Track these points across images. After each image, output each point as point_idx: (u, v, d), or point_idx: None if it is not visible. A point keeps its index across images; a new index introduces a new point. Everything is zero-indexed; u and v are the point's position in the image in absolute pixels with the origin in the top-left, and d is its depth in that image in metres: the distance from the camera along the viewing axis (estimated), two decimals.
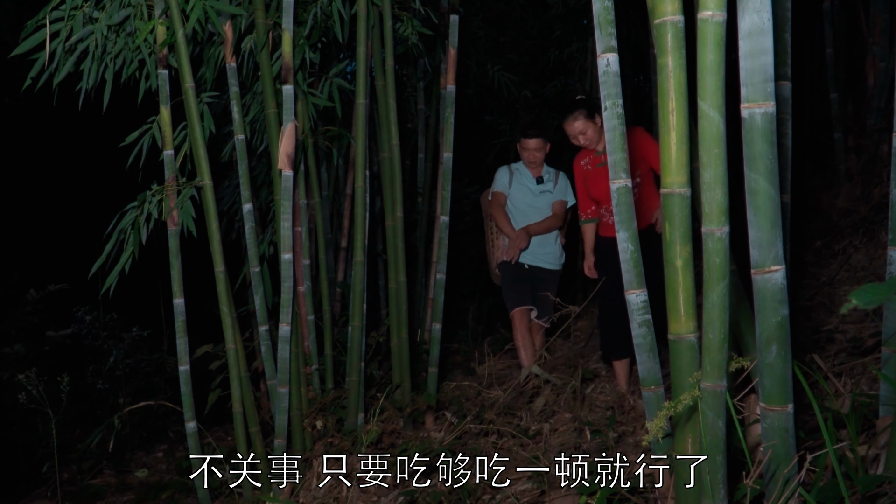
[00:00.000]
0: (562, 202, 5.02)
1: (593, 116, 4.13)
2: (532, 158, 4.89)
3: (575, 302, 5.35)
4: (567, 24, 7.50)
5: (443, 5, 4.55)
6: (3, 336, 6.52)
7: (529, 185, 4.98)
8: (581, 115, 4.13)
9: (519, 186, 5.00)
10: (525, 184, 4.99)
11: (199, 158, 3.74)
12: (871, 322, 3.72)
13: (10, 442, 6.21)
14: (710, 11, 1.75)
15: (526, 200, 5.00)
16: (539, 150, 4.87)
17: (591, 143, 4.19)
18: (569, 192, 5.00)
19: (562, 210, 5.01)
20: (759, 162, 1.78)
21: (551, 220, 4.98)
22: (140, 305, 6.60)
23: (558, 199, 5.00)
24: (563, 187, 5.03)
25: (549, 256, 5.05)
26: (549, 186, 5.01)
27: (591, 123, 4.13)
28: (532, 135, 4.85)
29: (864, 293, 1.21)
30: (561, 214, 5.00)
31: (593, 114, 4.13)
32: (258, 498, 3.89)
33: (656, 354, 2.48)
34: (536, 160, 4.90)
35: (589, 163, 4.32)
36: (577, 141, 4.21)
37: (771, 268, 1.83)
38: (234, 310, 3.91)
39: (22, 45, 3.50)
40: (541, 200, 5.00)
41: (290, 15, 3.68)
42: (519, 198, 5.01)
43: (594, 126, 4.14)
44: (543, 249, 5.04)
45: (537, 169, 4.97)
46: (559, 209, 5.00)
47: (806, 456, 1.94)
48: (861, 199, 5.60)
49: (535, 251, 5.01)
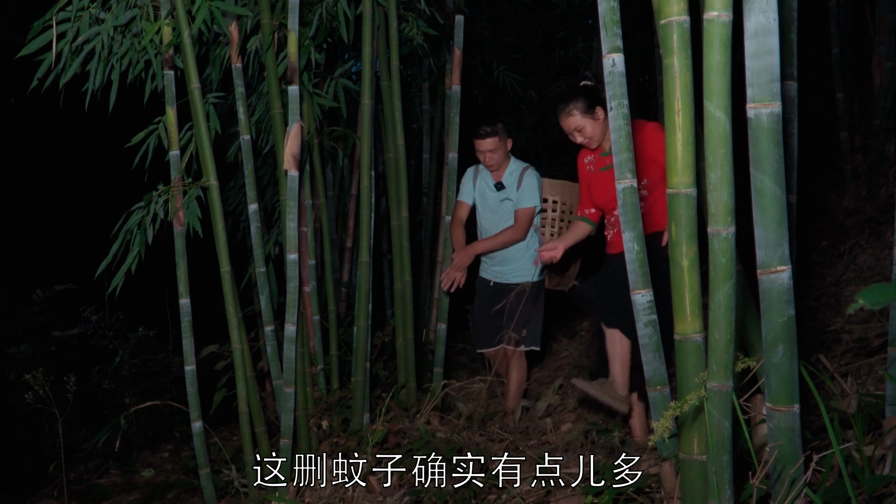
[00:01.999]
0: (524, 210, 4.20)
1: (593, 110, 3.48)
2: (489, 161, 4.20)
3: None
4: (572, 24, 7.49)
5: (448, 6, 4.55)
6: (9, 336, 6.54)
7: (490, 192, 4.32)
8: (576, 108, 3.46)
9: (482, 192, 4.37)
10: (486, 190, 4.35)
11: (205, 159, 3.75)
12: (877, 322, 3.71)
13: (16, 441, 6.23)
14: (715, 12, 1.75)
15: (488, 208, 4.36)
16: (495, 150, 4.15)
17: (592, 142, 3.56)
18: (533, 196, 4.20)
19: (524, 219, 4.21)
20: (765, 162, 1.78)
21: (508, 233, 4.21)
22: (146, 305, 6.61)
23: (519, 206, 4.21)
24: (526, 191, 4.20)
25: (518, 270, 4.31)
26: (511, 192, 4.26)
27: (588, 119, 3.47)
28: (483, 135, 4.14)
29: (871, 293, 1.20)
30: (523, 225, 4.21)
31: (593, 106, 3.48)
32: (264, 497, 3.90)
33: (662, 355, 2.48)
34: (493, 162, 4.20)
35: (593, 162, 3.73)
36: (574, 139, 3.58)
37: (777, 268, 1.82)
38: (240, 310, 3.92)
39: (28, 46, 3.52)
40: (502, 209, 4.29)
41: (296, 15, 3.69)
42: (482, 205, 4.38)
43: (593, 121, 3.49)
44: (508, 264, 4.34)
45: (497, 172, 4.28)
46: (520, 219, 4.21)
47: (812, 456, 1.94)
48: (867, 198, 5.59)
49: (496, 267, 4.38)
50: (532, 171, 4.23)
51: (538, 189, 4.21)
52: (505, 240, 4.21)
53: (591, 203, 3.79)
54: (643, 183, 3.40)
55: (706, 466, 1.97)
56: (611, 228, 3.68)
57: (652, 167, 3.44)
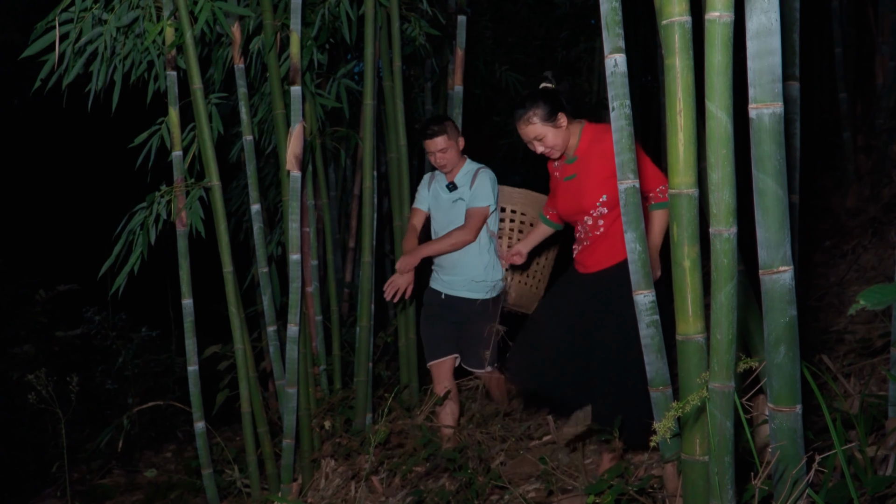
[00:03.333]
0: (475, 210, 3.80)
1: (554, 117, 3.15)
2: (440, 162, 3.84)
3: None
4: (575, 24, 7.49)
5: (450, 6, 4.55)
6: (12, 336, 6.56)
7: (442, 193, 3.94)
8: (536, 116, 3.14)
9: (435, 195, 4.00)
10: (439, 191, 3.97)
11: (208, 159, 3.75)
12: (880, 322, 3.70)
13: (19, 442, 6.25)
14: (717, 12, 1.75)
15: (441, 210, 3.97)
16: (445, 149, 3.80)
17: (554, 151, 3.23)
18: (486, 195, 3.81)
19: (475, 219, 3.79)
20: (767, 162, 1.77)
21: (457, 234, 3.78)
22: (149, 306, 6.63)
23: (471, 205, 3.82)
24: (478, 189, 3.82)
25: (469, 283, 3.86)
26: (464, 192, 3.87)
27: (550, 127, 3.15)
28: (431, 133, 3.79)
29: (873, 294, 1.20)
30: (474, 225, 3.78)
31: (555, 113, 3.15)
32: (266, 497, 3.91)
33: (664, 355, 2.48)
34: (446, 162, 3.83)
35: (558, 168, 3.39)
36: (534, 148, 3.24)
37: (779, 268, 1.82)
38: (243, 310, 3.92)
39: (32, 47, 3.52)
40: (454, 211, 3.89)
41: (299, 16, 3.69)
42: (435, 208, 4.00)
43: (555, 129, 3.16)
44: (459, 273, 3.88)
45: (451, 173, 3.91)
46: (471, 218, 3.79)
47: (815, 457, 1.94)
48: (870, 198, 5.58)
49: (447, 276, 3.94)
50: (487, 171, 3.89)
51: (492, 189, 3.84)
52: (454, 241, 3.78)
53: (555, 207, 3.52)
54: (601, 200, 3.14)
55: (708, 467, 1.97)
56: (577, 244, 3.34)
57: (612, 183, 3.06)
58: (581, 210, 3.20)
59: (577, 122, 3.25)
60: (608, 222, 3.16)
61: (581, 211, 3.20)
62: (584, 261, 3.25)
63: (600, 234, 3.17)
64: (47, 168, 10.58)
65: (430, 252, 3.81)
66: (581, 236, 3.27)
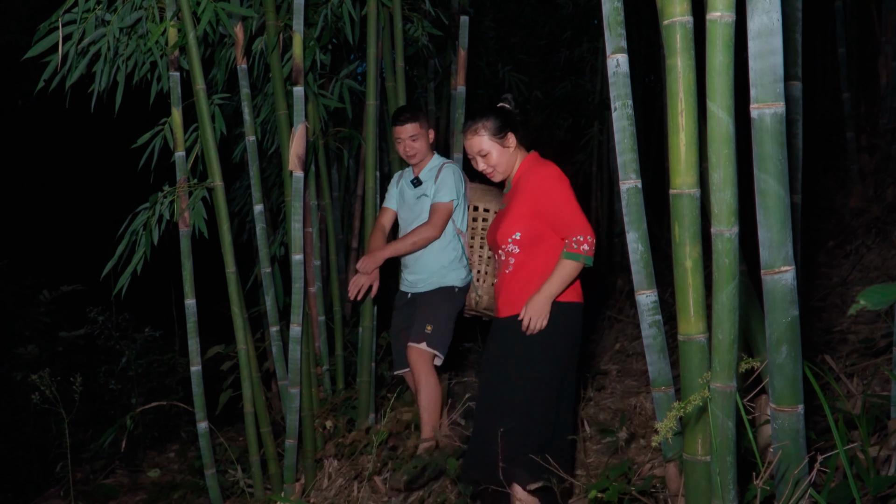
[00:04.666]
0: (439, 205, 3.61)
1: (503, 134, 2.94)
2: (408, 151, 3.66)
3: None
4: (577, 24, 7.50)
5: (453, 6, 4.56)
6: (16, 336, 6.57)
7: (408, 189, 3.78)
8: (485, 128, 2.93)
9: (402, 191, 3.84)
10: (405, 187, 3.81)
11: (211, 160, 3.76)
12: (883, 323, 3.70)
13: (23, 442, 6.26)
14: (718, 12, 1.75)
15: (406, 207, 3.81)
16: (415, 137, 3.64)
17: (495, 173, 3.01)
18: (450, 189, 3.61)
19: (439, 215, 3.60)
20: (768, 162, 1.77)
21: (420, 230, 3.59)
22: (152, 306, 6.65)
23: (435, 200, 3.64)
24: (442, 184, 3.63)
25: (431, 281, 3.69)
26: (428, 188, 3.70)
27: (496, 143, 2.94)
28: (403, 119, 3.63)
29: (873, 294, 1.20)
30: (437, 221, 3.59)
31: (504, 131, 2.94)
32: (269, 497, 3.91)
33: (667, 355, 2.48)
34: (414, 152, 3.66)
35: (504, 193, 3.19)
36: (476, 164, 3.02)
37: (781, 268, 1.82)
38: (246, 310, 3.92)
39: (35, 48, 3.53)
40: (418, 207, 3.73)
41: (301, 17, 3.70)
42: (401, 205, 3.84)
43: (501, 148, 2.95)
44: (423, 272, 3.70)
45: (417, 166, 3.74)
46: (435, 213, 3.60)
47: (817, 457, 1.94)
48: (874, 198, 5.57)
49: (411, 276, 3.78)
50: (452, 165, 3.71)
51: (455, 183, 3.63)
52: (416, 239, 3.59)
53: None
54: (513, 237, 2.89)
55: (710, 467, 1.97)
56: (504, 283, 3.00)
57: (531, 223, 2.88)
58: (494, 241, 3.00)
59: (523, 152, 3.04)
60: (518, 262, 2.91)
61: (494, 243, 3.00)
62: (496, 298, 3.04)
63: (509, 273, 2.93)
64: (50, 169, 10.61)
65: (393, 252, 3.62)
66: (497, 272, 3.06)
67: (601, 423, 3.74)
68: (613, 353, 5.14)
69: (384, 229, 3.83)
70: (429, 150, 3.73)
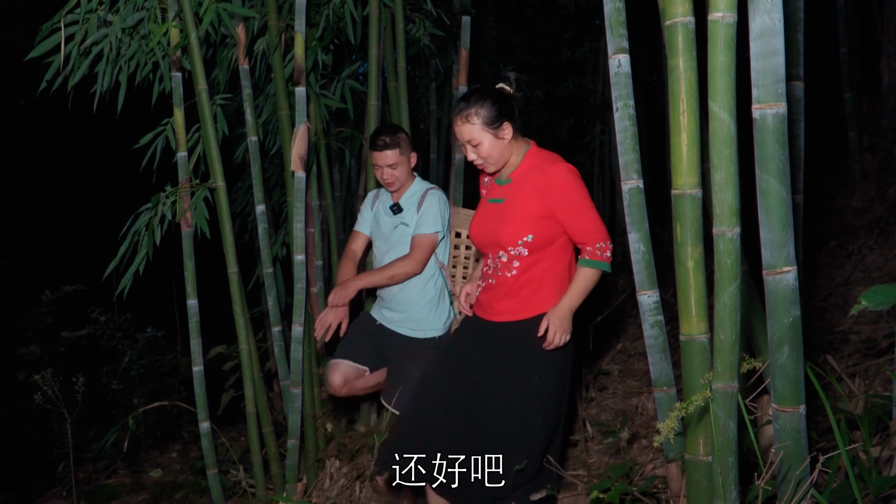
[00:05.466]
0: (422, 237, 3.34)
1: (498, 123, 2.64)
2: (388, 178, 3.38)
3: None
4: (579, 24, 7.50)
5: (455, 6, 4.56)
6: (18, 337, 6.58)
7: (385, 215, 3.49)
8: (478, 116, 2.63)
9: (377, 216, 3.55)
10: (381, 213, 3.52)
11: (213, 160, 3.76)
12: (885, 323, 3.70)
13: (25, 442, 6.27)
14: (720, 13, 1.75)
15: (381, 235, 3.52)
16: (395, 165, 3.35)
17: (486, 165, 2.72)
18: (435, 220, 3.34)
19: (421, 248, 3.33)
20: (770, 163, 1.77)
21: (400, 264, 3.31)
22: (154, 306, 6.64)
23: (417, 231, 3.35)
24: (427, 213, 3.36)
25: (409, 321, 3.44)
26: (409, 216, 3.41)
27: (489, 133, 2.64)
28: (382, 146, 3.33)
29: (875, 294, 1.20)
30: (419, 255, 3.32)
31: (500, 120, 2.64)
32: (271, 497, 3.91)
33: (668, 355, 2.48)
34: (394, 180, 3.38)
35: (487, 185, 2.92)
36: (466, 153, 2.72)
37: (783, 269, 1.82)
38: (248, 311, 3.93)
39: (37, 49, 3.54)
40: (396, 237, 3.44)
41: (303, 17, 3.70)
42: (376, 232, 3.55)
43: (494, 139, 2.65)
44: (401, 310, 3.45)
45: (398, 193, 3.46)
46: (417, 247, 3.33)
47: (818, 457, 1.94)
48: (876, 198, 5.57)
49: (386, 311, 3.51)
50: (437, 192, 3.43)
51: (441, 213, 3.37)
52: (395, 273, 3.31)
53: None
54: (525, 239, 2.67)
55: (712, 467, 1.97)
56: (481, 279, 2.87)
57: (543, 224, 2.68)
58: (497, 242, 2.72)
59: (524, 142, 2.77)
60: (524, 266, 2.70)
61: (496, 243, 2.72)
62: (490, 304, 2.79)
63: (512, 277, 2.71)
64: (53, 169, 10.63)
65: (367, 284, 3.35)
66: (489, 272, 2.80)
67: (603, 424, 3.75)
68: (615, 353, 5.14)
69: (355, 257, 3.54)
70: (409, 175, 3.45)
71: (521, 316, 2.71)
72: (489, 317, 2.79)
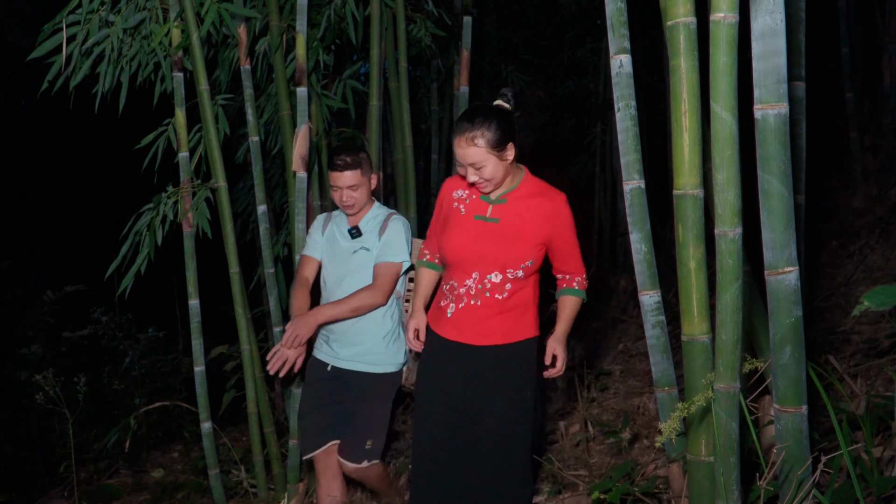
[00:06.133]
0: (387, 266, 3.12)
1: (503, 146, 2.54)
2: (346, 201, 3.14)
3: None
4: (580, 24, 7.50)
5: (456, 6, 4.56)
6: (20, 337, 6.59)
7: (341, 239, 3.24)
8: (483, 138, 2.51)
9: (331, 239, 3.29)
10: (337, 236, 3.26)
11: (214, 160, 3.76)
12: (886, 323, 3.69)
13: (27, 442, 6.27)
14: (722, 13, 1.75)
15: (336, 260, 3.24)
16: (355, 187, 3.11)
17: (487, 185, 2.62)
18: (402, 248, 3.14)
19: (386, 278, 3.11)
20: (772, 163, 1.77)
21: (363, 295, 3.07)
22: (156, 306, 6.64)
23: (382, 259, 3.13)
24: (392, 240, 3.14)
25: (362, 355, 3.18)
26: (369, 240, 3.17)
27: (494, 155, 2.54)
28: (342, 166, 3.08)
29: (877, 295, 1.20)
30: (384, 285, 3.10)
31: (506, 142, 2.54)
32: (273, 498, 3.91)
33: (670, 356, 2.48)
34: (353, 203, 3.14)
35: (464, 200, 2.76)
36: (466, 175, 2.61)
37: (784, 269, 1.82)
38: (249, 311, 3.93)
39: (39, 49, 3.54)
40: (354, 263, 3.18)
41: (304, 17, 3.70)
42: (330, 257, 3.28)
43: (498, 161, 2.56)
44: (352, 345, 3.20)
45: (355, 217, 3.23)
46: (381, 276, 3.11)
47: (820, 457, 1.94)
48: (877, 199, 5.56)
49: (336, 346, 3.23)
50: (400, 218, 3.23)
51: (407, 241, 3.17)
52: (359, 304, 3.07)
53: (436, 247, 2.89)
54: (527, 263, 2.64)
55: (714, 467, 1.97)
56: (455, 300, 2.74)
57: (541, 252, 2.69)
58: (495, 263, 2.63)
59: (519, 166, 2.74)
60: (515, 289, 2.67)
61: (493, 264, 2.63)
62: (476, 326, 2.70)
63: (503, 299, 2.65)
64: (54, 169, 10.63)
65: (329, 317, 3.09)
66: (470, 292, 2.68)
67: (604, 424, 3.75)
68: (617, 353, 5.14)
69: (309, 284, 3.27)
70: (369, 197, 3.23)
71: (512, 339, 2.71)
72: (473, 340, 2.70)
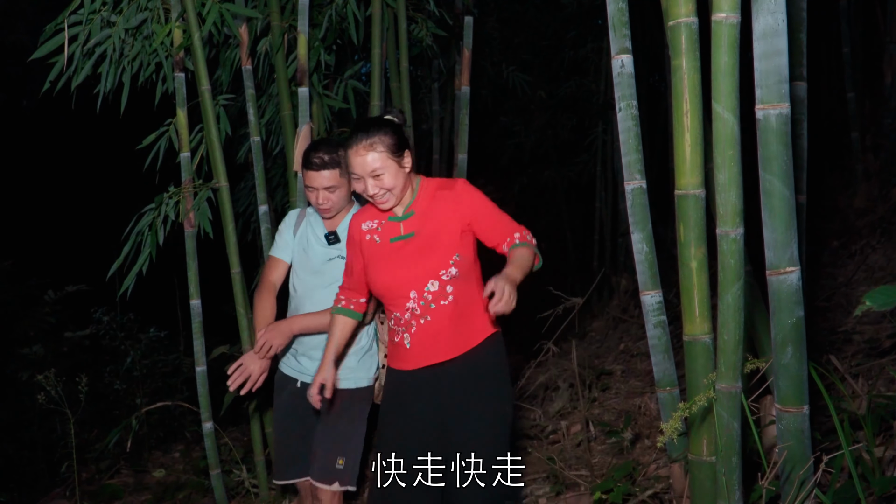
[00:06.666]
0: None
1: (401, 152, 2.41)
2: (323, 203, 2.82)
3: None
4: (582, 24, 7.51)
5: (457, 6, 4.56)
6: (21, 337, 6.58)
7: (316, 244, 2.94)
8: (381, 143, 2.36)
9: (304, 242, 2.99)
10: (311, 240, 2.96)
11: (216, 160, 3.76)
12: (888, 323, 3.69)
13: (29, 442, 6.28)
14: (723, 13, 1.75)
15: (309, 267, 2.95)
16: (333, 188, 2.80)
17: (388, 197, 2.43)
18: None
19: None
20: (773, 163, 1.78)
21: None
22: (157, 306, 6.64)
23: None
24: None
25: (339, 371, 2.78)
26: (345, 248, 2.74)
27: (394, 162, 2.39)
28: (319, 165, 2.76)
29: (879, 295, 1.21)
30: None
31: (402, 148, 2.41)
32: (275, 497, 3.91)
33: (671, 356, 2.48)
34: (330, 205, 2.83)
35: (376, 230, 2.55)
36: (364, 187, 2.41)
37: (786, 269, 1.82)
38: (251, 311, 3.92)
39: (41, 49, 3.55)
40: (329, 271, 2.90)
41: (306, 17, 3.70)
42: (301, 262, 2.98)
43: (396, 167, 2.39)
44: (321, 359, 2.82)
45: (332, 220, 2.93)
46: None
47: (822, 457, 1.94)
48: (878, 198, 5.57)
49: (305, 360, 3.01)
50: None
51: None
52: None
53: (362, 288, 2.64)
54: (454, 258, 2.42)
55: (715, 467, 1.97)
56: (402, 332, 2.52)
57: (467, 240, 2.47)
58: (426, 273, 2.43)
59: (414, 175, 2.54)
60: (458, 289, 2.44)
61: (425, 274, 2.43)
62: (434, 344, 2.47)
63: (450, 304, 2.43)
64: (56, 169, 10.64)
65: (305, 328, 2.86)
66: (416, 314, 2.46)
67: (606, 424, 3.75)
68: (618, 353, 5.14)
69: (274, 289, 2.99)
70: (348, 199, 2.91)
71: (473, 343, 2.47)
72: (434, 359, 2.47)
